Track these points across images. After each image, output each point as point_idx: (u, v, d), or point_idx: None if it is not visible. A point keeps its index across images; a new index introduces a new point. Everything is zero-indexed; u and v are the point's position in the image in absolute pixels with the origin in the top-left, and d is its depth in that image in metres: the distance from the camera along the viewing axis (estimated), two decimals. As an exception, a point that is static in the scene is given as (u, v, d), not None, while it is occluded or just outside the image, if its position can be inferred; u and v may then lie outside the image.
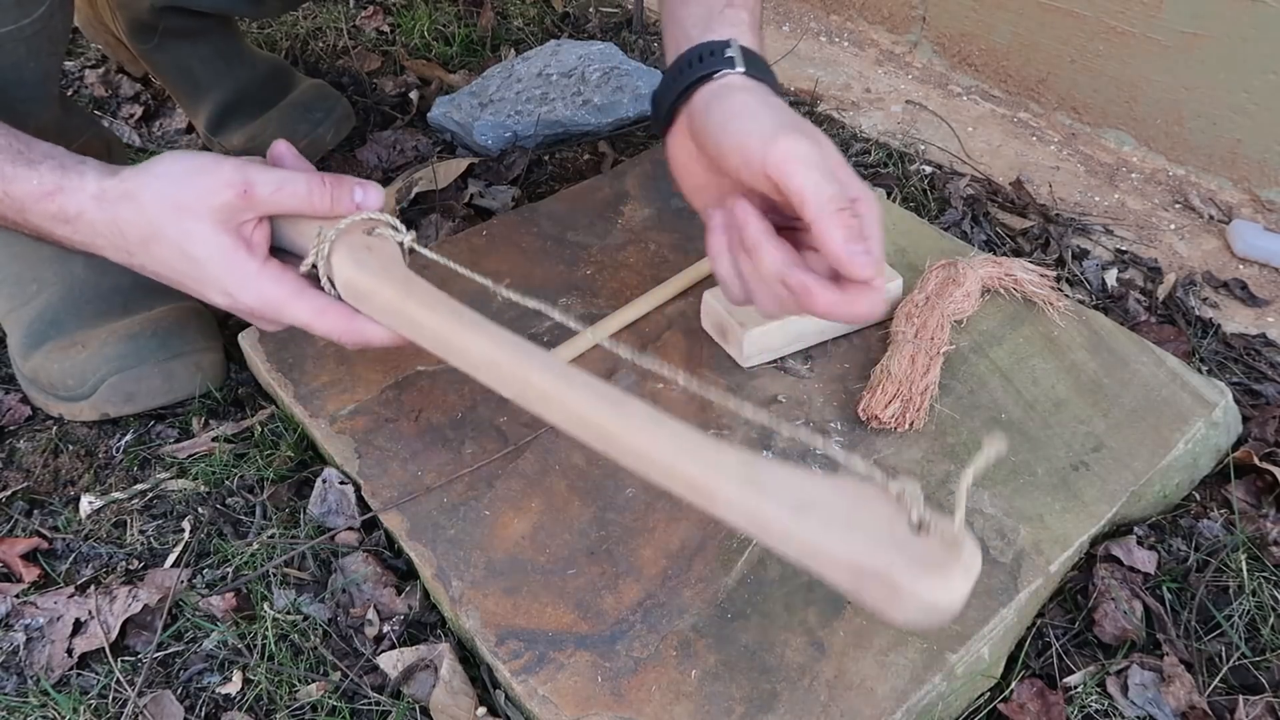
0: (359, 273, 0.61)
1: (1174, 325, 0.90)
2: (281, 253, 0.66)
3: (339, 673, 0.64)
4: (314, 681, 0.63)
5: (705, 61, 0.64)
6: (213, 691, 0.63)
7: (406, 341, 0.62)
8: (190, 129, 1.16)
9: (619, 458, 0.52)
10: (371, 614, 0.66)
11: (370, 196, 0.64)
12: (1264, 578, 0.68)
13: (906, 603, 0.43)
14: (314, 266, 0.63)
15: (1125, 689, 0.62)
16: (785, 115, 0.61)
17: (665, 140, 0.68)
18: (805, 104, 1.20)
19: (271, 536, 0.71)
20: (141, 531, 0.73)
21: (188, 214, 0.60)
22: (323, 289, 0.63)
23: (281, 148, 0.68)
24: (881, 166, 1.10)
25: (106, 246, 0.62)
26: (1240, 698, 0.61)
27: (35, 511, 0.75)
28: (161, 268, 0.62)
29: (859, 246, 0.55)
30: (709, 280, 0.83)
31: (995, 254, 0.96)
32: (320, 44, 1.30)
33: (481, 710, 0.61)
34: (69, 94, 1.22)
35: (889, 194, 1.04)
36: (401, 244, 0.64)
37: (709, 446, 0.50)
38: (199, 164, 0.61)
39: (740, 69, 0.64)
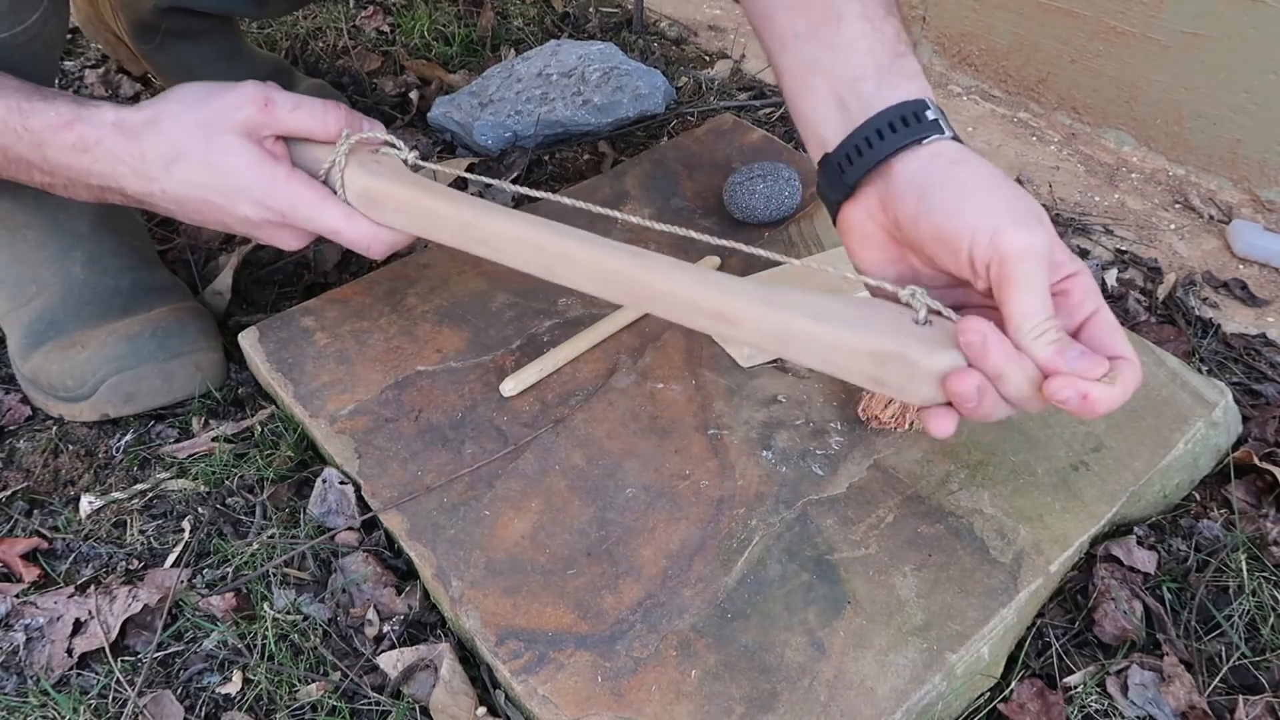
0: (375, 179, 0.66)
1: (1174, 325, 0.90)
2: None
3: (339, 673, 0.64)
4: (314, 681, 0.63)
5: (909, 127, 0.55)
6: (213, 691, 0.63)
7: (415, 240, 0.67)
8: (190, 129, 1.16)
9: (646, 304, 0.58)
10: (371, 614, 0.66)
11: (376, 129, 0.67)
12: (1264, 578, 0.68)
13: (921, 382, 0.51)
14: (327, 176, 0.66)
15: (1125, 689, 0.62)
16: (1010, 195, 0.53)
17: (840, 207, 0.59)
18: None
19: (271, 536, 0.71)
20: (141, 531, 0.73)
21: (213, 129, 0.62)
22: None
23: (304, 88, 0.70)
24: (881, 166, 1.09)
25: (128, 174, 0.63)
26: (1240, 698, 0.61)
27: (35, 511, 0.75)
28: (185, 189, 0.63)
29: (1067, 359, 0.49)
30: (709, 280, 0.84)
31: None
32: (320, 44, 1.30)
33: (481, 710, 0.61)
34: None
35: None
36: (405, 160, 0.68)
37: (726, 279, 0.57)
38: (217, 86, 0.63)
39: (949, 134, 0.55)
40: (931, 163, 0.55)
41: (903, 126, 0.56)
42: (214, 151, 0.62)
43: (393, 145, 0.68)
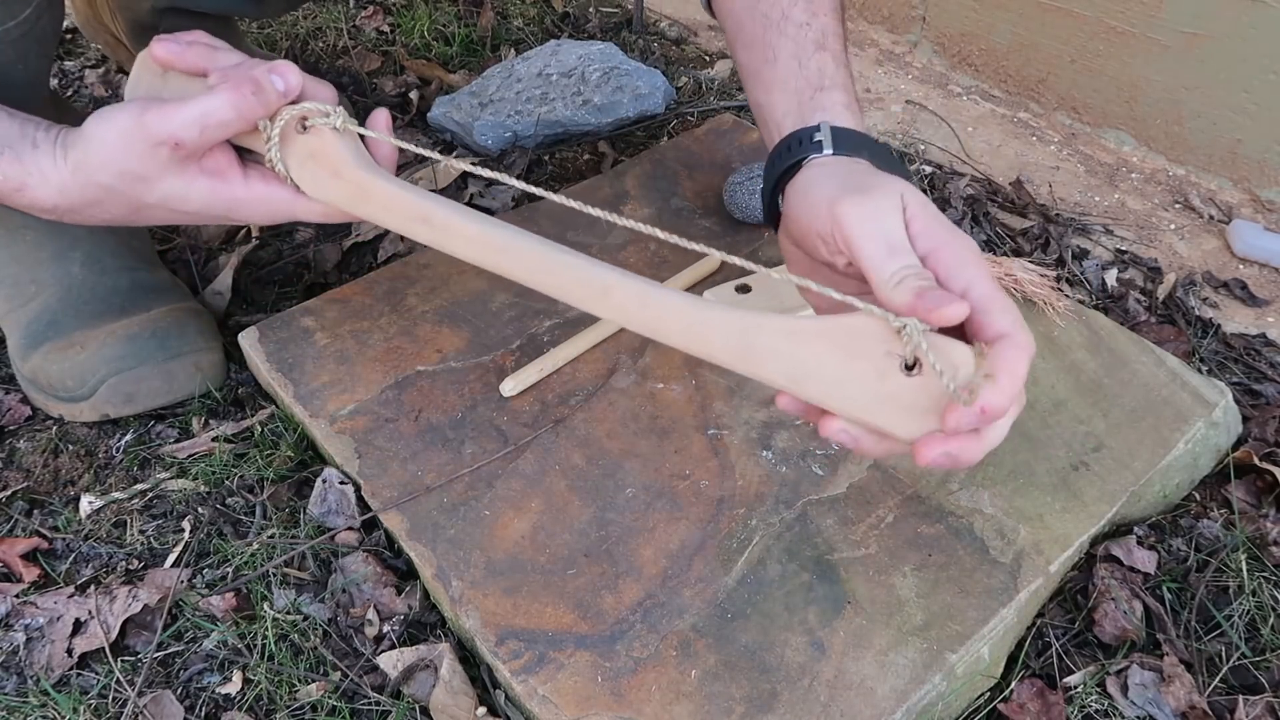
0: (316, 190, 0.62)
1: (1174, 325, 0.90)
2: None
3: (339, 673, 0.64)
4: (314, 681, 0.63)
5: (793, 151, 0.59)
6: (213, 691, 0.63)
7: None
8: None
9: (603, 315, 0.53)
10: (371, 614, 0.66)
11: (289, 79, 0.60)
12: (1264, 578, 0.68)
13: (898, 446, 0.47)
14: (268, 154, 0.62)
15: (1125, 689, 0.62)
16: (850, 180, 0.54)
17: (779, 237, 0.62)
18: (805, 104, 1.20)
19: (271, 536, 0.71)
20: (141, 531, 0.73)
21: (151, 181, 0.60)
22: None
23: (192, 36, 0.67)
24: (881, 166, 1.09)
25: (107, 216, 0.62)
26: (1240, 698, 0.61)
27: (35, 511, 0.75)
28: (166, 219, 0.63)
29: (932, 300, 0.45)
30: (709, 280, 0.84)
31: (995, 254, 0.96)
32: (320, 44, 1.30)
33: (481, 710, 0.61)
34: (68, 94, 1.22)
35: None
36: (335, 127, 0.61)
37: (705, 312, 0.50)
38: (123, 128, 0.59)
39: (828, 151, 0.58)
40: (804, 175, 0.57)
41: (789, 153, 0.59)
42: (167, 198, 0.60)
43: (321, 113, 0.61)
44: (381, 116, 0.63)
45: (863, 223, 0.49)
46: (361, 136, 0.63)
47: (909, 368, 0.45)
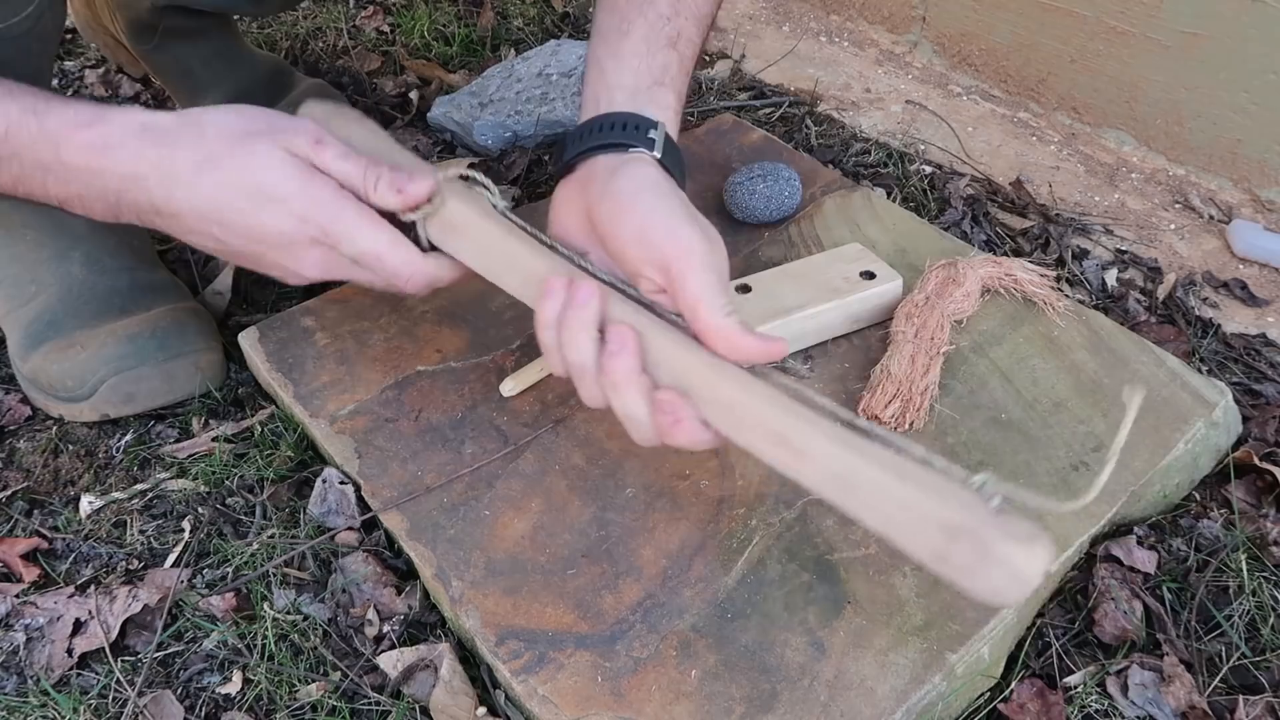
0: (465, 205, 0.63)
1: (1174, 325, 0.90)
2: None
3: (339, 673, 0.64)
4: (314, 681, 0.63)
5: (628, 132, 0.63)
6: (213, 691, 0.63)
7: (469, 276, 0.65)
8: (190, 129, 1.16)
9: (705, 406, 0.55)
10: (371, 614, 0.66)
11: (416, 188, 0.62)
12: (1264, 578, 0.68)
13: (994, 567, 0.45)
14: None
15: (1125, 689, 0.62)
16: (690, 210, 0.60)
17: (558, 182, 0.66)
18: (805, 104, 1.20)
19: (271, 536, 0.71)
20: (141, 531, 0.73)
21: (259, 139, 0.58)
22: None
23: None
24: (881, 166, 1.10)
25: (150, 174, 0.59)
26: (1240, 698, 0.61)
27: (35, 511, 0.75)
28: (211, 196, 0.59)
29: (760, 341, 0.54)
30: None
31: (995, 254, 0.96)
32: (320, 44, 1.30)
33: (481, 710, 0.61)
34: (68, 94, 1.22)
35: (889, 194, 1.04)
36: (495, 205, 0.65)
37: (802, 406, 0.52)
38: (269, 112, 0.61)
39: (656, 154, 0.62)
40: (630, 161, 0.61)
41: (620, 130, 0.63)
42: (255, 159, 0.58)
43: (484, 186, 0.65)
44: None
45: (702, 262, 0.56)
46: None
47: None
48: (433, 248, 0.66)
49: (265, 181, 0.59)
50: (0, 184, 0.60)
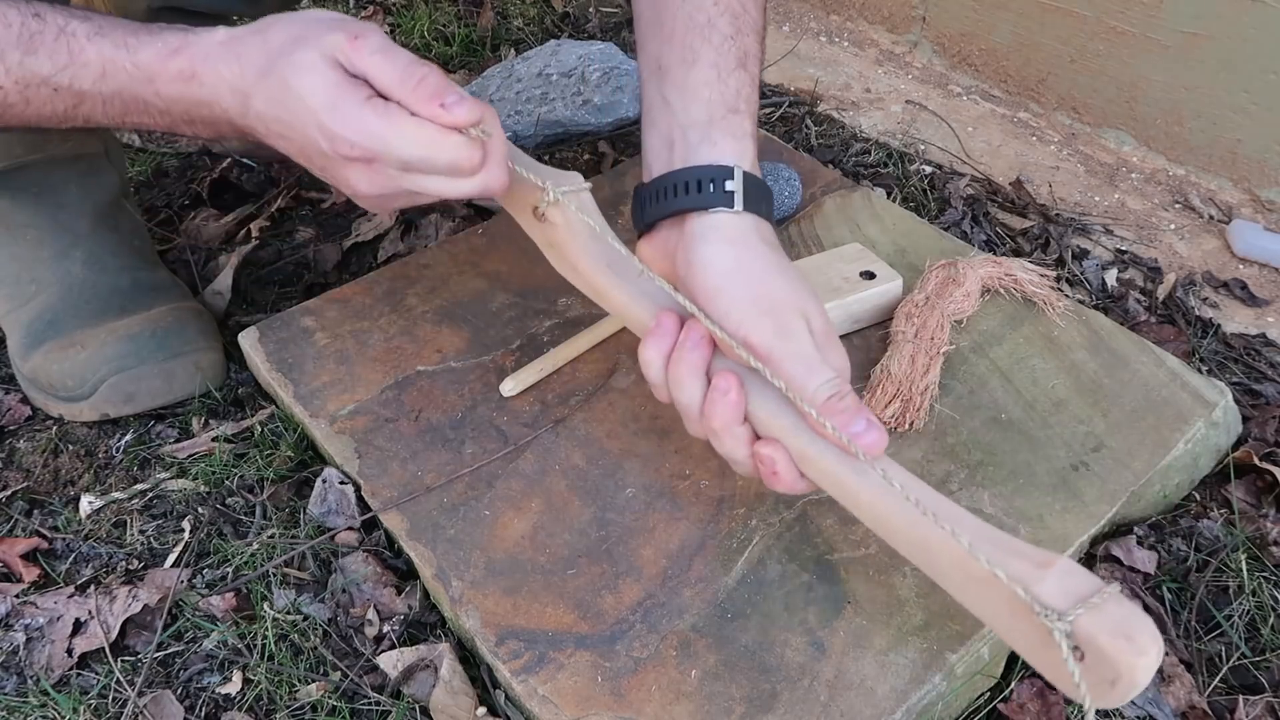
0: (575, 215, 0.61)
1: (1174, 325, 0.90)
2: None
3: (339, 673, 0.64)
4: (314, 681, 0.63)
5: (703, 193, 0.60)
6: (213, 691, 0.63)
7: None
8: (190, 129, 1.16)
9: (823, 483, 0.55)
10: (371, 614, 0.66)
11: (462, 111, 0.54)
12: (1264, 578, 0.68)
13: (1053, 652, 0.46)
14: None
15: (1125, 689, 0.62)
16: (775, 276, 0.58)
17: (640, 238, 0.64)
18: (805, 104, 1.20)
19: (271, 536, 0.71)
20: (141, 531, 0.73)
21: (303, 46, 0.55)
22: None
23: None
24: (881, 166, 1.10)
25: (226, 92, 0.57)
26: (1240, 698, 0.61)
27: (35, 511, 0.75)
28: (267, 108, 0.56)
29: (860, 424, 0.52)
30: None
31: (995, 254, 0.96)
32: (320, 44, 1.30)
33: (481, 710, 0.61)
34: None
35: (889, 194, 1.04)
36: (549, 200, 0.61)
37: (896, 495, 0.52)
38: (330, 16, 0.57)
39: (737, 207, 0.59)
40: (707, 232, 0.59)
41: (696, 191, 0.60)
42: (293, 69, 0.54)
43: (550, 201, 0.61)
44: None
45: (778, 346, 0.55)
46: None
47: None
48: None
49: (298, 93, 0.54)
50: (111, 117, 0.60)
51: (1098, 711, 0.61)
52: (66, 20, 0.57)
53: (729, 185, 0.60)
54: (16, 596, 0.68)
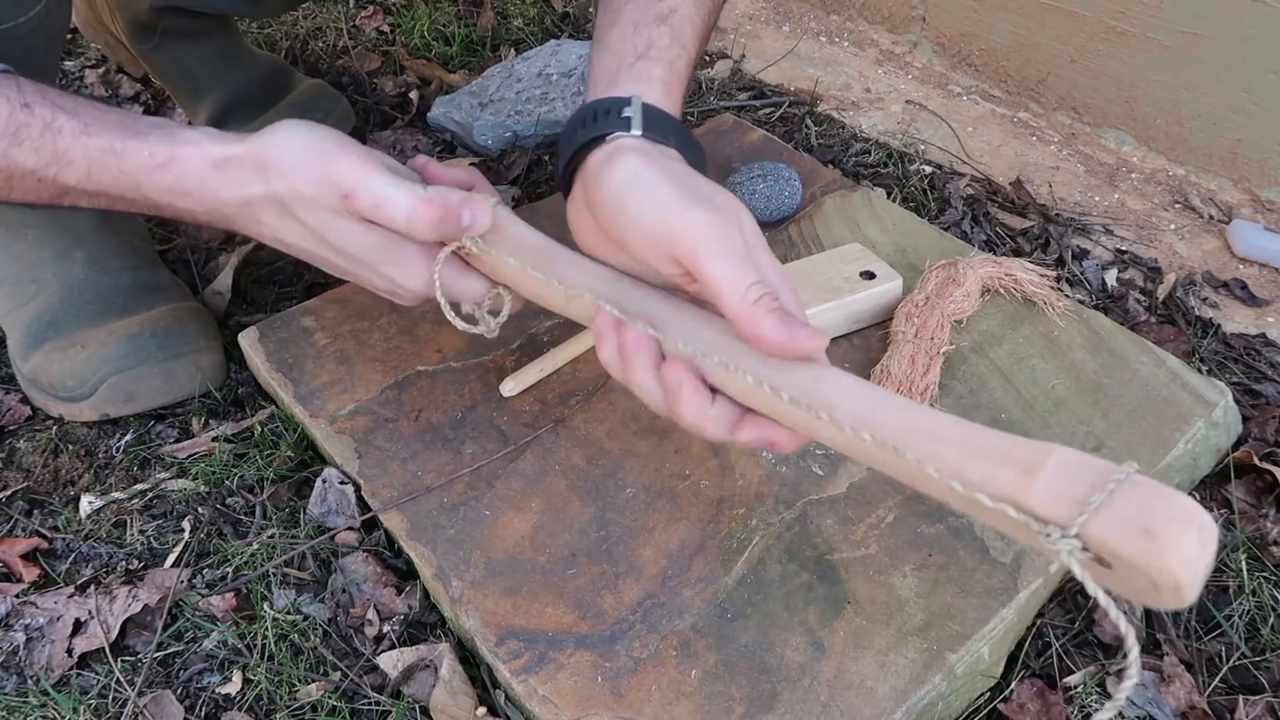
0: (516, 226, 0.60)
1: (1174, 325, 0.90)
2: None
3: (339, 673, 0.64)
4: (314, 681, 0.63)
5: (599, 122, 0.58)
6: (213, 691, 0.63)
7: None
8: (190, 129, 1.16)
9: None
10: (371, 614, 0.66)
11: (479, 217, 0.58)
12: (1264, 578, 0.68)
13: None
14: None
15: (1125, 689, 0.62)
16: (686, 185, 0.54)
17: (568, 203, 0.62)
18: (805, 104, 1.20)
19: (271, 536, 0.71)
20: (141, 531, 0.73)
21: (306, 205, 0.58)
22: None
23: (420, 160, 0.64)
24: (881, 166, 1.10)
25: (234, 216, 0.60)
26: (1240, 698, 0.61)
27: (35, 511, 0.75)
28: (294, 243, 0.60)
29: (789, 330, 0.48)
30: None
31: (995, 254, 0.96)
32: (320, 44, 1.30)
33: (481, 710, 0.61)
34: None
35: (889, 194, 1.04)
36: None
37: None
38: (309, 143, 0.58)
39: (636, 131, 0.57)
40: (612, 153, 0.56)
41: (591, 123, 0.58)
42: (323, 228, 0.59)
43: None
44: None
45: (712, 242, 0.50)
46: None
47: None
48: None
49: (345, 250, 0.59)
50: (99, 206, 0.61)
51: (1095, 710, 0.61)
52: (54, 115, 0.57)
53: (625, 112, 0.58)
54: (16, 596, 0.68)
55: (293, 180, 0.57)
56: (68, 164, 0.58)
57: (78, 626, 0.66)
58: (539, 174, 1.08)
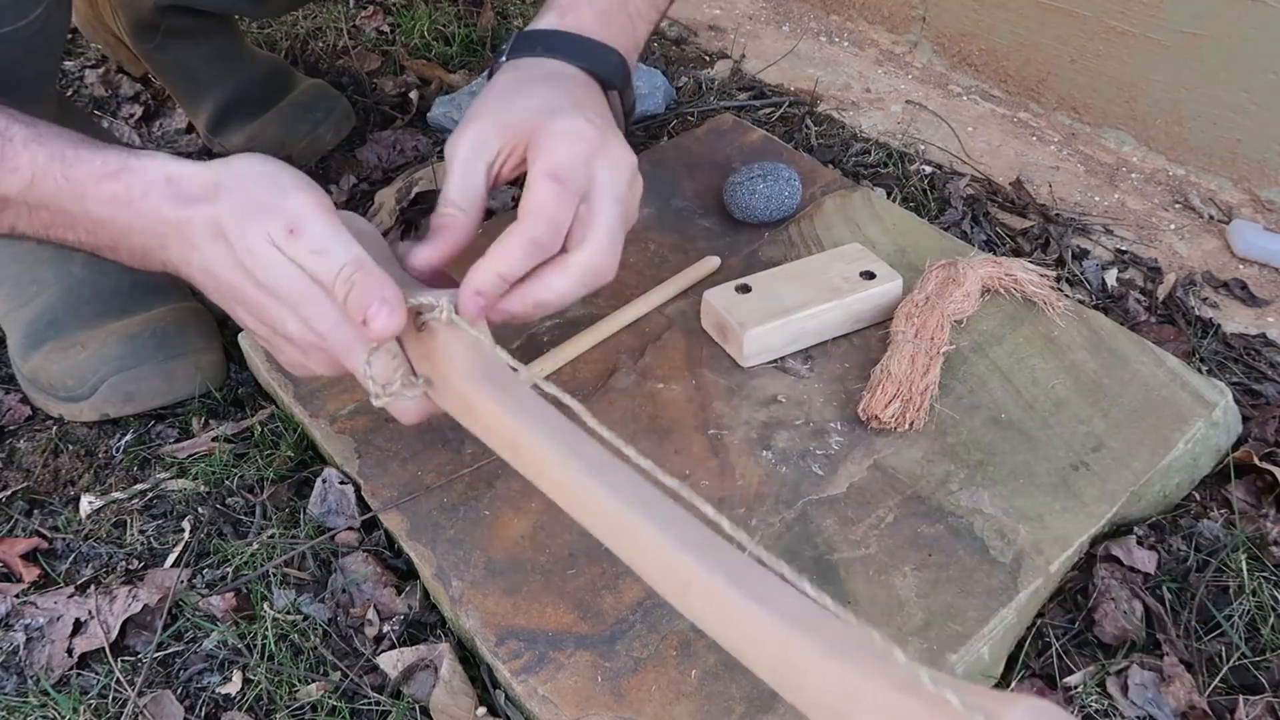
0: (434, 395, 0.57)
1: (1174, 325, 0.90)
2: None
3: (339, 673, 0.64)
4: (314, 681, 0.63)
5: (507, 47, 0.61)
6: (213, 691, 0.63)
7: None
8: (190, 129, 1.16)
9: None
10: (371, 614, 0.66)
11: (385, 322, 0.53)
12: (1264, 578, 0.68)
13: None
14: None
15: (1125, 689, 0.62)
16: (537, 91, 0.57)
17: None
18: (805, 104, 1.20)
19: (271, 536, 0.71)
20: (141, 531, 0.73)
21: (256, 216, 0.54)
22: None
23: (402, 249, 0.63)
24: (881, 166, 1.09)
25: (169, 237, 0.56)
26: (1240, 698, 0.61)
27: (35, 511, 0.75)
28: (219, 272, 0.56)
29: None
30: (709, 280, 0.84)
31: (995, 254, 0.96)
32: (320, 44, 1.30)
33: (481, 710, 0.61)
34: (69, 94, 1.22)
35: (889, 194, 1.04)
36: (439, 318, 0.56)
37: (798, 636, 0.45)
38: (276, 175, 0.56)
39: (503, 59, 0.60)
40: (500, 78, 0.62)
41: (502, 57, 0.63)
42: (246, 238, 0.54)
43: (431, 308, 0.56)
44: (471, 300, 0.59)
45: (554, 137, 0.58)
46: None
47: None
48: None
49: (249, 268, 0.55)
50: (35, 228, 0.58)
51: (1095, 710, 0.61)
52: (8, 124, 0.55)
53: (502, 47, 0.62)
54: (16, 596, 0.68)
55: (241, 201, 0.54)
56: (12, 170, 0.55)
57: (78, 626, 0.66)
58: (539, 174, 1.08)
